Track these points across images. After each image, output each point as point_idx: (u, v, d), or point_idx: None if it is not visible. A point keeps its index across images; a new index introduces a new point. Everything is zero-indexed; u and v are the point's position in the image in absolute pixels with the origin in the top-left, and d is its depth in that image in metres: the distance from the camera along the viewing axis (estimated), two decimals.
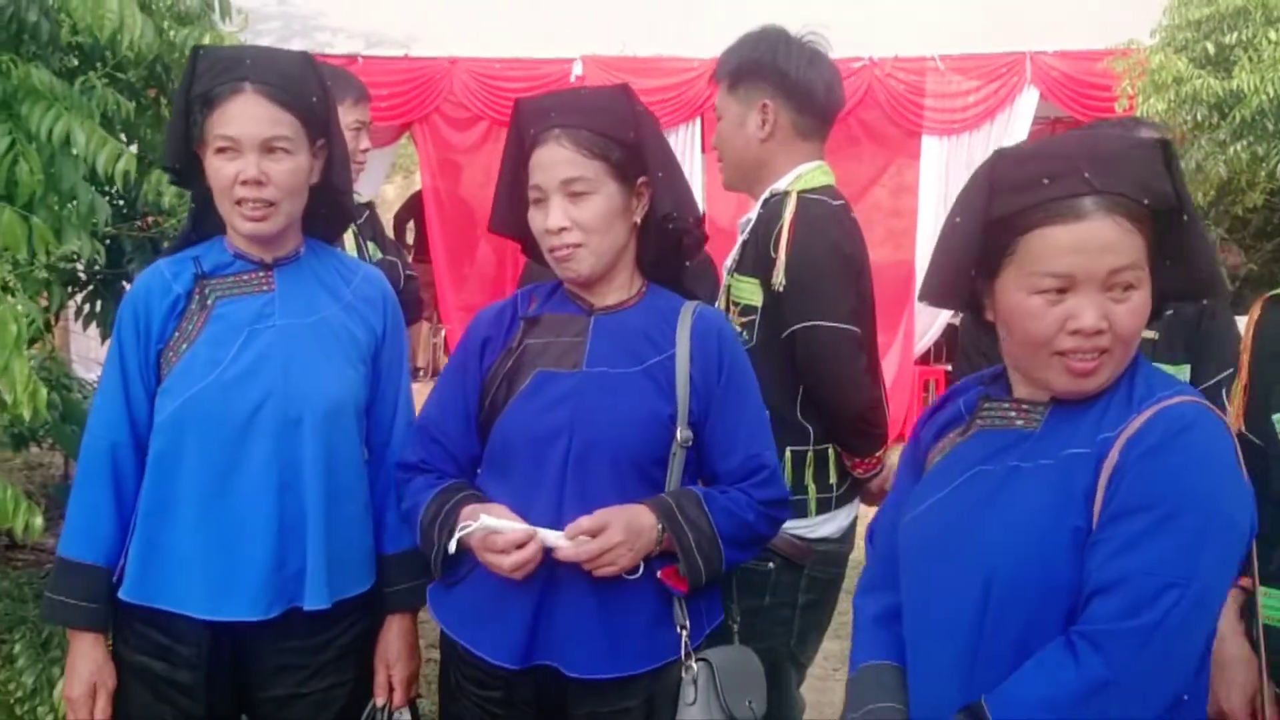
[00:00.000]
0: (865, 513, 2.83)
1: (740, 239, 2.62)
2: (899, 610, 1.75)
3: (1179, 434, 1.52)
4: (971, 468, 1.66)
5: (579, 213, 2.02)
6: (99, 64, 3.27)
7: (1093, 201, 1.53)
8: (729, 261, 2.66)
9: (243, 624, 2.06)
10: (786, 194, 2.52)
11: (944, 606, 1.63)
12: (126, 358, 2.12)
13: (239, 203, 2.06)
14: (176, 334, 2.10)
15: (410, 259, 4.53)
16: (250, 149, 2.04)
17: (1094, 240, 1.53)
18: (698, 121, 8.08)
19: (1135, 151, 1.60)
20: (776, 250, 2.46)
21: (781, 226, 2.46)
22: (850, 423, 2.52)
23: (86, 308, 3.91)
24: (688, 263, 2.20)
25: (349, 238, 3.38)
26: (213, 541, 2.06)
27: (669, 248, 2.14)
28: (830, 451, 2.56)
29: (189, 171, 2.15)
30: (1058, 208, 1.54)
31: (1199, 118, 6.57)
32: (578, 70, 8.34)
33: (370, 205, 3.60)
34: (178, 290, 2.12)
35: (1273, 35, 6.20)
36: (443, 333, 9.67)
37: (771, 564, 2.52)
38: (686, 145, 8.02)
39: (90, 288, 3.85)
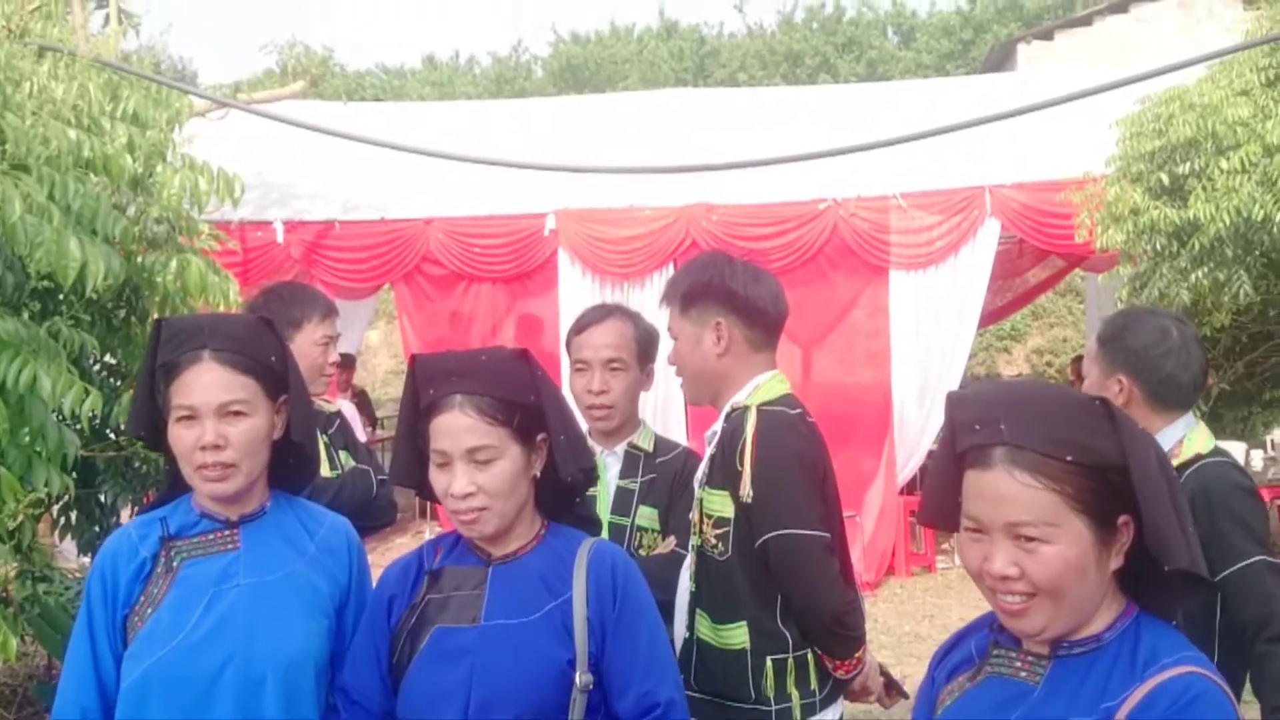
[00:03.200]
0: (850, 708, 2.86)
1: (708, 452, 2.70)
2: None
3: (1185, 708, 1.49)
4: (978, 718, 1.66)
5: (485, 479, 2.07)
6: (66, 304, 3.35)
7: (1001, 453, 1.57)
8: (699, 474, 2.74)
9: None
10: (747, 408, 2.61)
11: None
12: (95, 622, 2.15)
13: (200, 467, 2.12)
14: (142, 598, 2.14)
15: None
16: (208, 415, 2.11)
17: (993, 491, 1.57)
18: (670, 268, 8.21)
19: (1060, 406, 1.63)
20: (742, 463, 2.55)
21: (745, 440, 2.55)
22: (826, 628, 2.56)
23: (62, 520, 3.93)
24: (578, 498, 2.26)
25: (320, 450, 3.41)
26: None
27: (564, 492, 2.21)
28: (809, 656, 2.59)
29: (159, 436, 2.20)
30: (977, 454, 1.59)
31: (1159, 246, 6.68)
32: (551, 224, 8.51)
33: (339, 414, 3.63)
34: (144, 554, 2.16)
35: (1224, 164, 6.33)
36: None
37: None
38: (659, 293, 8.13)
39: (64, 503, 3.87)
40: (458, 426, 2.06)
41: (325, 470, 3.38)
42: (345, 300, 9.90)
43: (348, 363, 11.07)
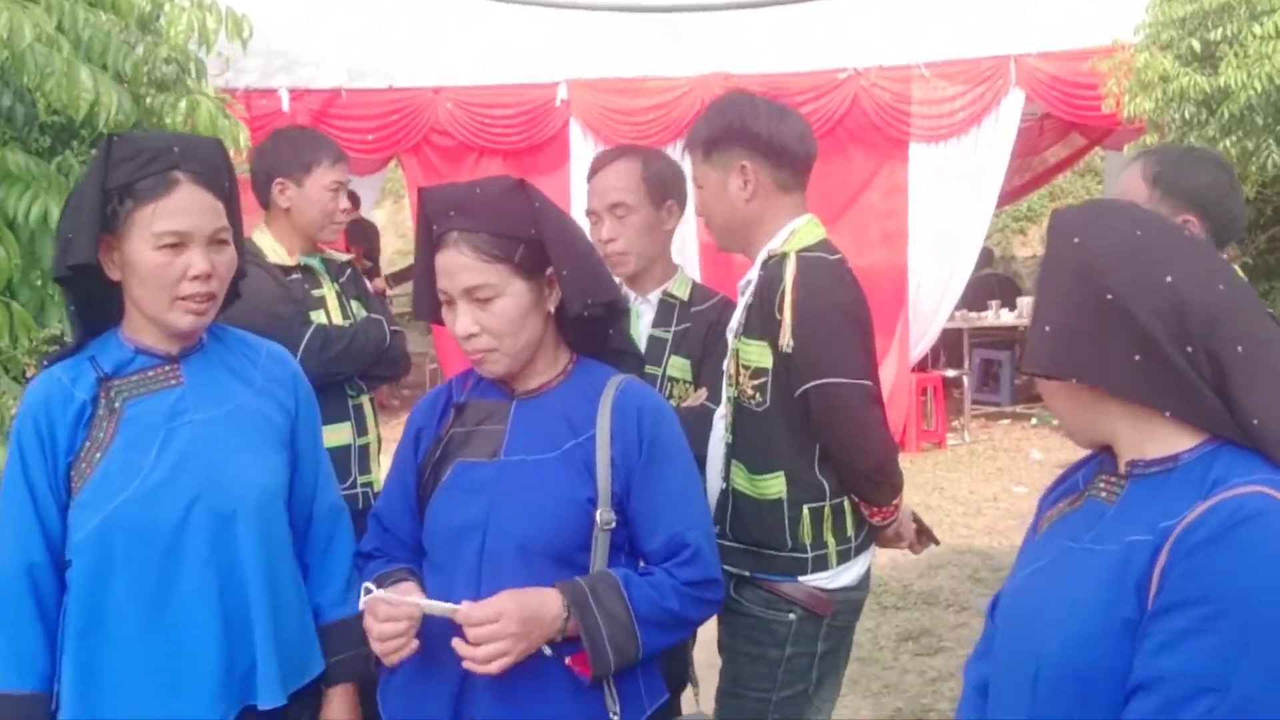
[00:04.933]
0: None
1: (742, 302, 2.63)
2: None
3: (1237, 526, 1.41)
4: (1062, 542, 1.62)
5: (487, 318, 2.00)
6: (77, 139, 3.26)
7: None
8: (734, 324, 2.67)
9: None
10: (785, 255, 2.53)
11: (1006, 684, 1.61)
12: (32, 474, 2.00)
13: (184, 298, 2.00)
14: (88, 443, 2.01)
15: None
16: (199, 242, 1.99)
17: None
18: (683, 140, 8.06)
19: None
20: (781, 312, 2.47)
21: (784, 288, 2.48)
22: (868, 475, 2.53)
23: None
24: (612, 330, 2.18)
25: (331, 299, 3.35)
26: (157, 654, 1.99)
27: (590, 326, 2.13)
28: (846, 504, 2.56)
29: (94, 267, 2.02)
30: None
31: (1187, 115, 6.54)
32: (562, 94, 8.34)
33: (351, 263, 3.55)
34: (81, 397, 2.02)
35: (1257, 30, 6.16)
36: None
37: (793, 615, 2.53)
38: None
39: None
40: (455, 266, 1.99)
41: (339, 319, 3.34)
42: (354, 176, 9.80)
43: (370, 231, 10.95)
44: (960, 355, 9.89)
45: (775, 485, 2.53)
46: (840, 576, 2.57)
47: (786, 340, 2.46)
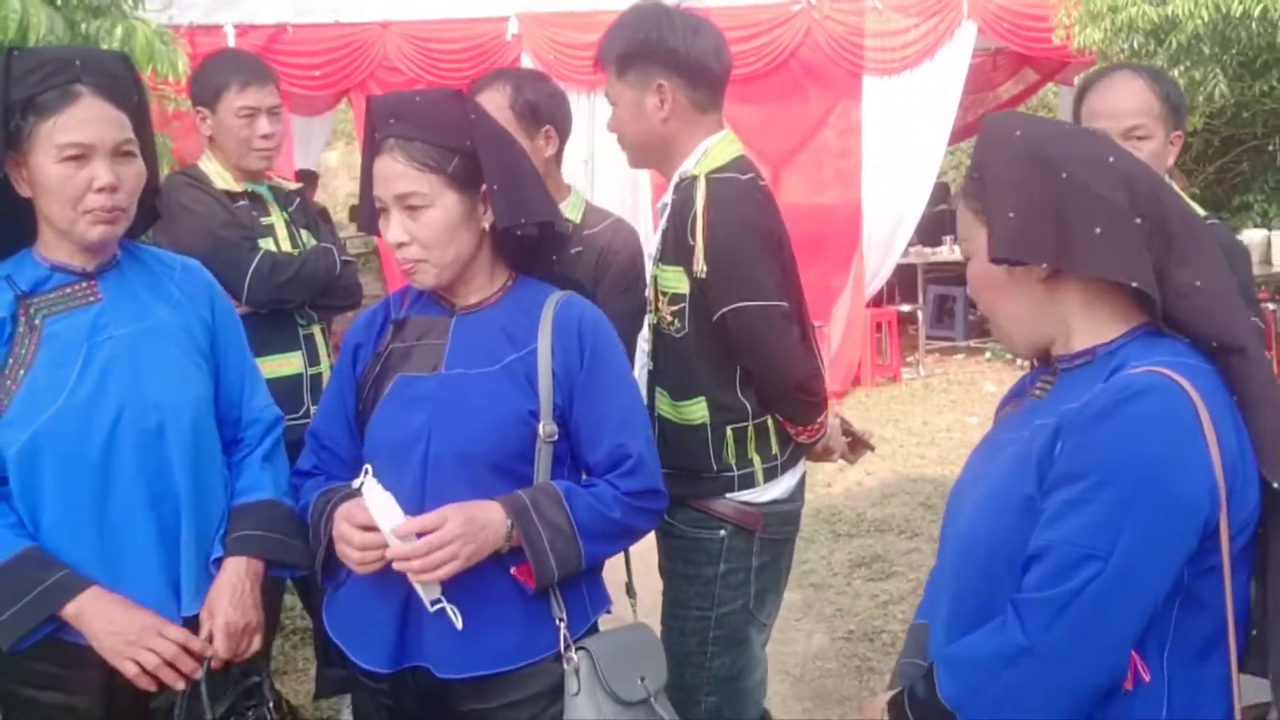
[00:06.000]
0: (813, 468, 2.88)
1: (660, 227, 2.61)
2: None
3: (1122, 402, 1.48)
4: (997, 436, 1.71)
5: (417, 228, 2.00)
6: None
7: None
8: (653, 250, 2.65)
9: None
10: (695, 177, 2.50)
11: (942, 567, 1.71)
12: None
13: (90, 210, 1.98)
14: (10, 360, 1.99)
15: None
16: (103, 154, 1.97)
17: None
18: None
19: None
20: (694, 237, 2.45)
21: (695, 212, 2.45)
22: (789, 395, 2.53)
23: None
24: (555, 256, 2.17)
25: (280, 227, 3.31)
26: (93, 566, 1.98)
27: (527, 248, 2.12)
28: (769, 422, 2.56)
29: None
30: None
31: (1135, 45, 6.59)
32: (513, 28, 8.24)
33: (300, 191, 3.51)
34: (0, 314, 2.02)
35: None
36: None
37: (723, 531, 2.55)
38: None
39: None
40: (388, 173, 1.99)
41: (288, 247, 3.30)
42: (302, 116, 9.65)
43: (310, 179, 10.82)
44: (915, 291, 9.95)
45: (698, 410, 2.53)
46: (769, 491, 2.58)
47: (700, 266, 2.44)
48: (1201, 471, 1.46)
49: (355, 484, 1.99)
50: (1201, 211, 2.64)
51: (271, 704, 2.11)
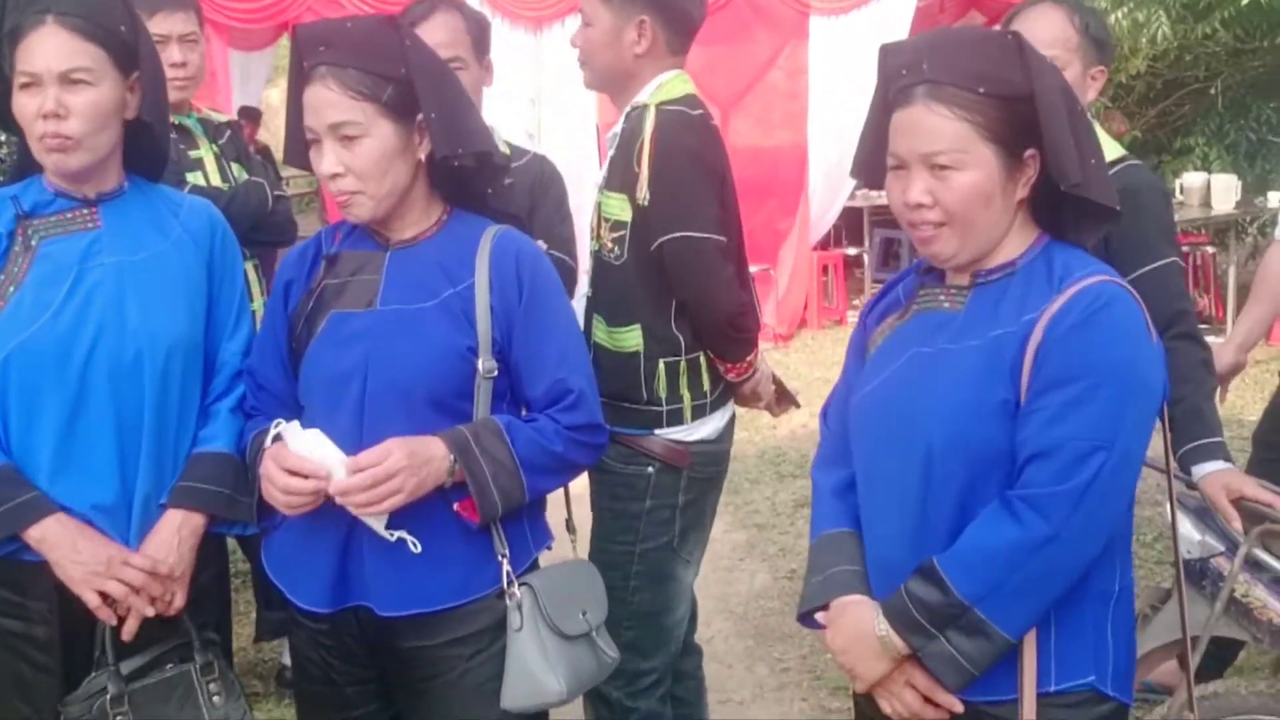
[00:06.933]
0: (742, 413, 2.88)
1: (608, 155, 2.60)
2: (854, 482, 1.87)
3: (1099, 311, 1.65)
4: (909, 349, 1.79)
5: (351, 158, 1.95)
6: None
7: (921, 90, 1.69)
8: (599, 179, 2.66)
9: None
10: (646, 107, 2.51)
11: (890, 477, 1.77)
12: None
13: (42, 137, 2.00)
14: (2, 277, 2.04)
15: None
16: (50, 82, 1.97)
17: (910, 125, 1.70)
18: None
19: (975, 44, 1.77)
20: (639, 164, 2.47)
21: (643, 140, 2.47)
22: (720, 329, 2.55)
23: None
24: (490, 189, 2.14)
25: (209, 160, 3.24)
26: (53, 485, 2.01)
27: (463, 180, 2.09)
28: (702, 359, 2.59)
29: (9, 109, 2.06)
30: (901, 95, 1.71)
31: None
32: None
33: (231, 124, 3.42)
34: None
35: None
36: None
37: (651, 468, 2.58)
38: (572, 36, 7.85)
39: None
40: (320, 101, 1.94)
41: (217, 182, 3.22)
42: (241, 50, 9.41)
43: (252, 116, 10.55)
44: (861, 234, 9.98)
45: (632, 338, 2.55)
46: (697, 430, 2.61)
47: (643, 193, 2.46)
48: (1159, 364, 1.71)
49: (272, 431, 1.97)
50: (1121, 151, 2.67)
51: (200, 664, 2.13)
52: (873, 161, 1.82)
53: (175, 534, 2.08)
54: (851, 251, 9.78)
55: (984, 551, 1.65)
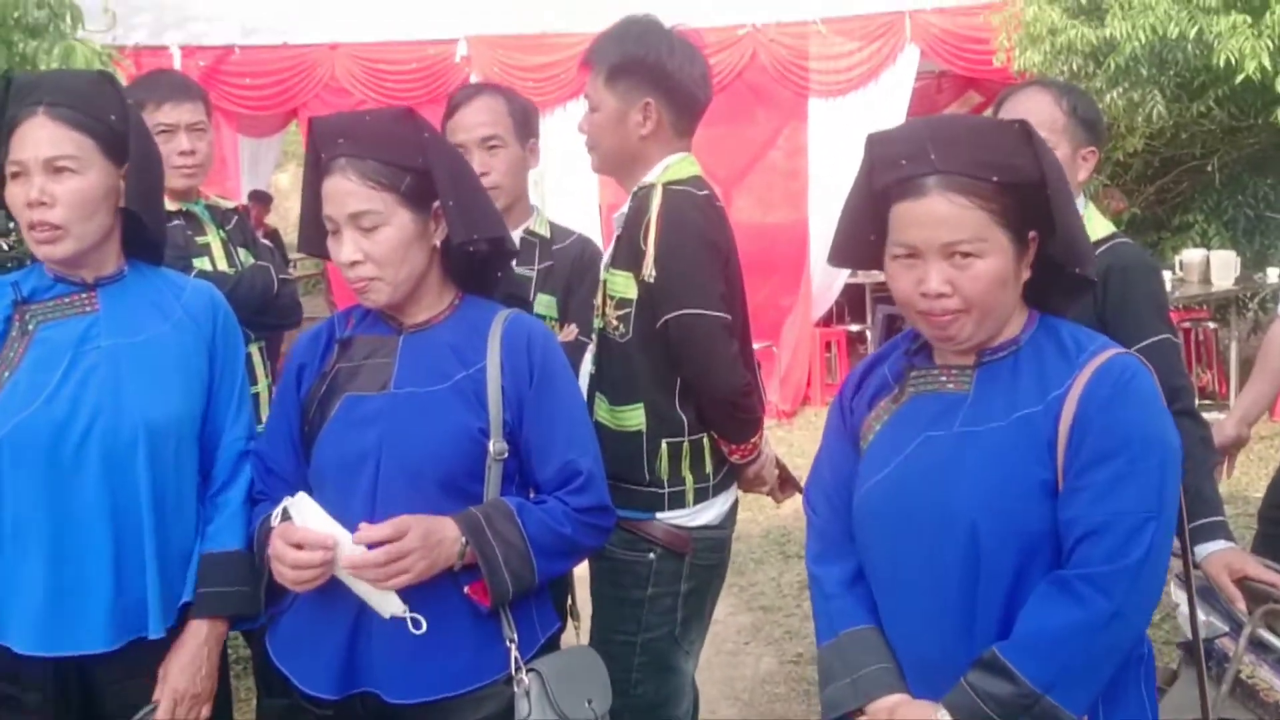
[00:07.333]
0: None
1: (615, 234, 2.62)
2: (861, 573, 1.84)
3: (1127, 384, 1.68)
4: (919, 434, 1.77)
5: (371, 246, 2.00)
6: None
7: (934, 180, 1.69)
8: (605, 257, 2.67)
9: (88, 658, 2.02)
10: (653, 186, 2.53)
11: (923, 567, 1.73)
12: None
13: (30, 226, 2.03)
14: None
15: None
16: (36, 171, 2.01)
17: (929, 215, 1.69)
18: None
19: (983, 133, 1.77)
20: (646, 242, 2.48)
21: (649, 219, 2.48)
22: (724, 408, 2.54)
23: None
24: (500, 274, 2.18)
25: (216, 246, 3.28)
26: (48, 573, 2.01)
27: (475, 265, 2.13)
28: (705, 440, 2.57)
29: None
30: (908, 186, 1.71)
31: (1075, 67, 6.69)
32: (462, 50, 8.24)
33: (238, 210, 3.47)
34: None
35: None
36: None
37: (652, 554, 2.54)
38: (575, 120, 7.94)
39: None
40: (341, 191, 1.99)
41: (224, 267, 3.26)
42: (251, 137, 9.57)
43: (262, 200, 10.74)
44: (864, 311, 10.02)
45: (635, 417, 2.53)
46: (699, 515, 2.58)
47: (649, 270, 2.47)
48: (1174, 426, 1.74)
49: (279, 509, 1.97)
50: (1110, 228, 2.71)
51: None
52: (853, 246, 1.85)
53: (202, 648, 2.09)
54: (854, 328, 9.81)
55: (1049, 636, 1.63)
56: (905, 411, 1.82)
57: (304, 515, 1.94)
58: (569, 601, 2.40)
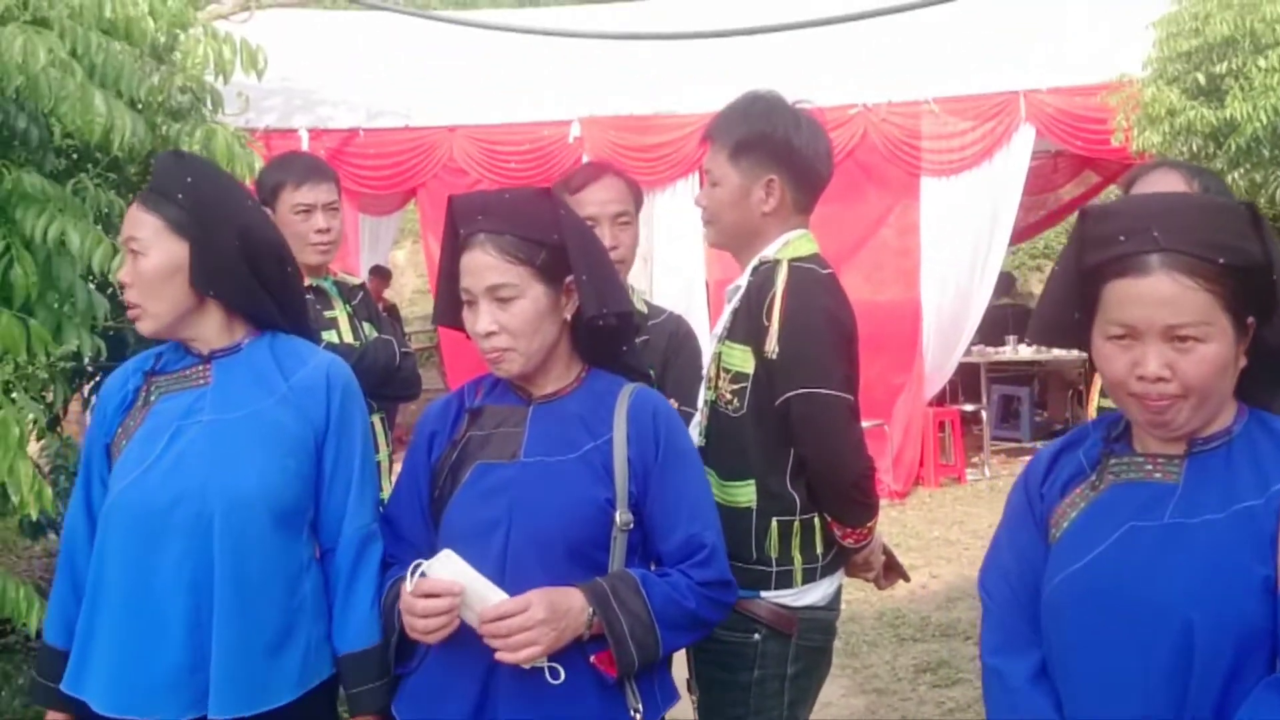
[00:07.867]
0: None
1: (729, 306, 2.61)
2: (1044, 668, 1.77)
3: None
4: (1123, 523, 1.71)
5: (506, 317, 2.05)
6: (93, 163, 3.33)
7: (1158, 259, 1.63)
8: (718, 329, 2.65)
9: None
10: (778, 262, 2.51)
11: (1128, 662, 1.66)
12: (91, 447, 2.21)
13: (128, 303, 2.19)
14: (120, 429, 2.16)
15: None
16: (125, 253, 2.18)
17: (1153, 295, 1.62)
18: (694, 177, 8.14)
19: (1211, 213, 1.72)
20: (769, 318, 2.45)
21: (775, 294, 2.46)
22: (844, 492, 2.49)
23: (93, 399, 3.95)
24: (625, 347, 2.22)
25: (343, 320, 3.41)
26: (127, 637, 2.06)
27: (603, 338, 2.17)
28: (816, 520, 2.52)
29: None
30: (1128, 263, 1.65)
31: (1195, 148, 6.58)
32: (575, 131, 8.44)
33: (363, 286, 3.62)
34: (130, 386, 2.20)
35: (1262, 63, 6.22)
36: None
37: (757, 635, 2.48)
38: (684, 199, 8.08)
39: (96, 379, 3.89)
40: (479, 265, 2.05)
41: (349, 339, 3.39)
42: (372, 216, 9.91)
43: (382, 275, 11.09)
44: (978, 390, 9.87)
45: (745, 493, 2.49)
46: (805, 595, 2.51)
47: (772, 347, 2.43)
48: None
49: (413, 571, 1.98)
50: None
51: None
52: (1057, 324, 1.79)
53: None
54: (969, 408, 9.66)
55: None
56: (1105, 500, 1.76)
57: (453, 571, 1.95)
58: (687, 675, 2.37)
